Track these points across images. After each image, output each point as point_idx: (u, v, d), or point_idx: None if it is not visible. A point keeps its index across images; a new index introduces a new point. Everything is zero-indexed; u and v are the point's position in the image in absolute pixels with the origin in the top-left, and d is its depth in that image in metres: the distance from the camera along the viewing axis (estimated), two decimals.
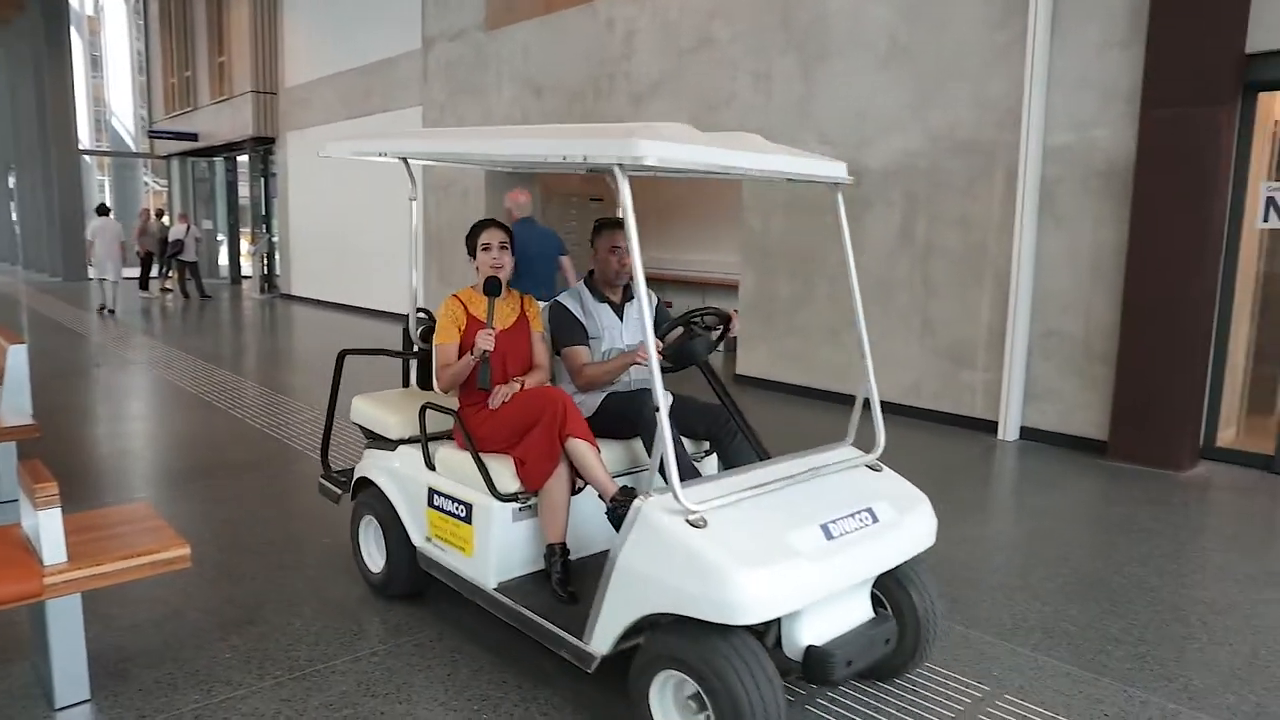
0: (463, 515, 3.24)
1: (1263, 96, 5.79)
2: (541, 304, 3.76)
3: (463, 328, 3.46)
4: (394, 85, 13.80)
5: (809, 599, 2.49)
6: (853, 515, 2.75)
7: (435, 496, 3.37)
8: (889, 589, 2.99)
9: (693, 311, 3.43)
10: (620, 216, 3.55)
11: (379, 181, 14.08)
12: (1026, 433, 6.74)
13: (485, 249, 3.48)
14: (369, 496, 3.73)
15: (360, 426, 3.87)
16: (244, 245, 21.56)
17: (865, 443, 3.17)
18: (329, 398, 4.11)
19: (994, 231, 6.84)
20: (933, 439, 6.79)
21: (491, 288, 3.32)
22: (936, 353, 7.29)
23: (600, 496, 3.11)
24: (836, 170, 3.06)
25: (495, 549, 3.14)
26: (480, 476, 3.18)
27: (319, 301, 16.76)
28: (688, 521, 2.44)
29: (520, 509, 3.18)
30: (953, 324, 7.14)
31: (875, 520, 2.79)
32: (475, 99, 11.92)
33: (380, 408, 3.80)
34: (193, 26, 21.37)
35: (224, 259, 22.99)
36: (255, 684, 3.04)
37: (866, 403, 3.13)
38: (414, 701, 2.94)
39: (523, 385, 3.37)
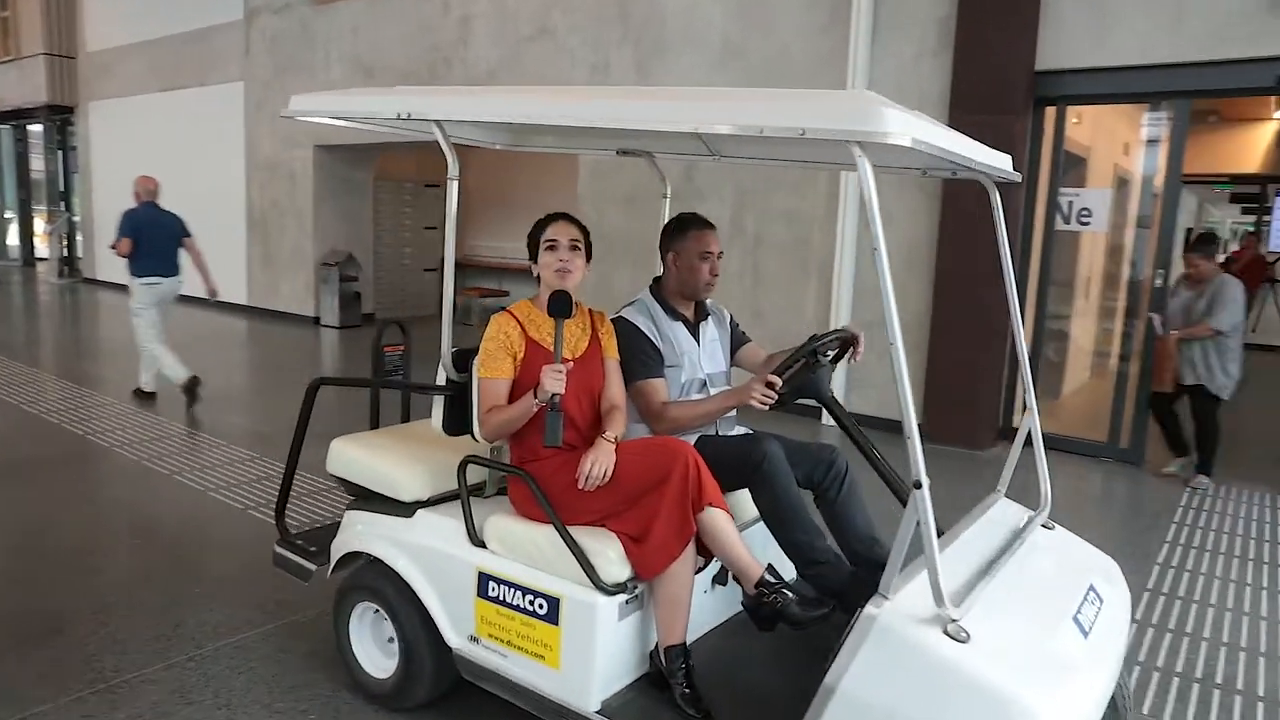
0: (543, 613, 2.41)
1: (1049, 110, 6.38)
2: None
3: (519, 357, 2.59)
4: (212, 58, 12.92)
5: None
6: (1086, 599, 2.24)
7: (491, 584, 2.52)
8: None
9: (815, 337, 2.79)
10: (688, 213, 3.02)
11: (203, 158, 13.17)
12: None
13: (550, 247, 2.61)
14: (369, 578, 2.80)
15: (343, 480, 2.95)
16: (38, 224, 19.62)
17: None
18: (293, 440, 3.07)
19: (818, 226, 7.19)
20: (762, 426, 7.07)
21: (560, 306, 2.42)
22: (767, 343, 7.58)
23: (735, 579, 2.49)
24: (1007, 165, 2.62)
25: (600, 659, 2.34)
26: (569, 557, 2.37)
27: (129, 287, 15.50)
28: (945, 633, 1.85)
29: (627, 601, 2.40)
30: (781, 314, 7.47)
31: (1101, 600, 2.30)
32: (302, 77, 11.35)
33: (384, 457, 2.84)
34: None
35: (13, 239, 20.85)
36: (52, 700, 2.81)
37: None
38: (235, 706, 2.81)
39: (616, 441, 2.50)
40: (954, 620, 1.86)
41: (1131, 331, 6.57)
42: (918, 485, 1.88)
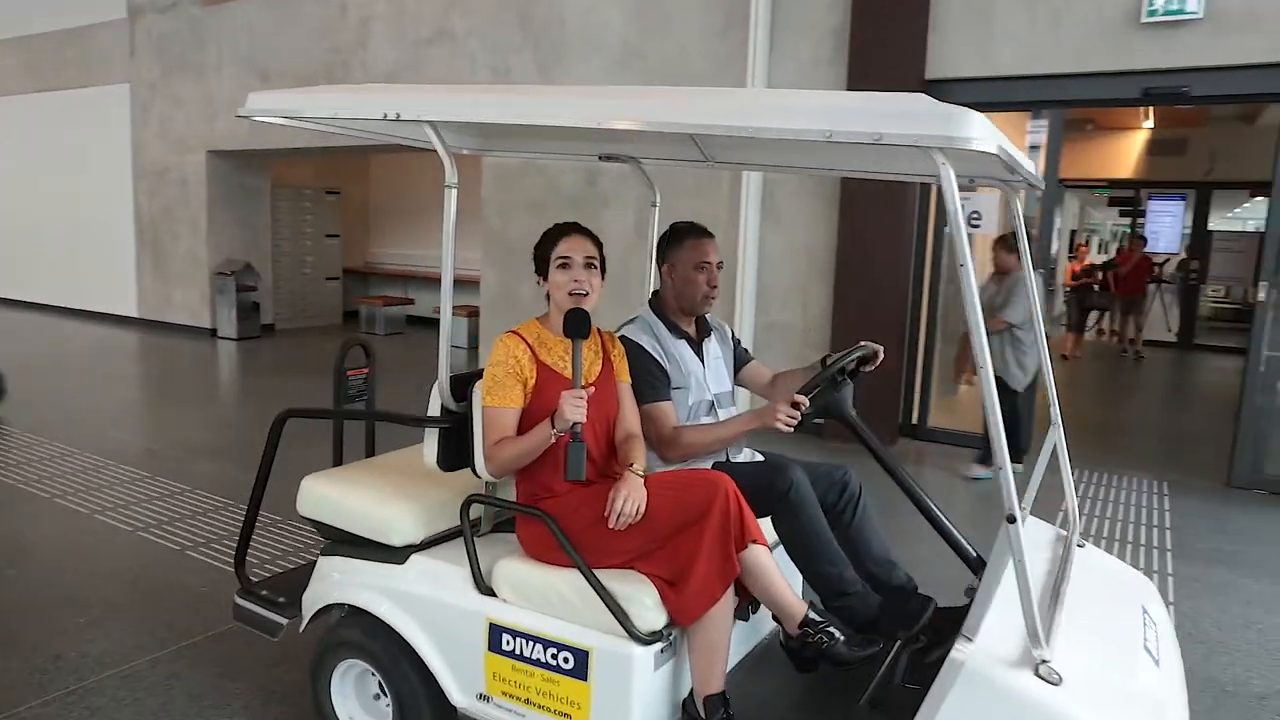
0: (569, 667, 2.18)
1: None
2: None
3: (530, 384, 2.35)
4: (94, 57, 12.32)
5: None
6: (1144, 624, 2.15)
7: (504, 637, 2.27)
8: None
9: (832, 357, 2.67)
10: (688, 222, 2.87)
11: (87, 162, 12.55)
12: None
13: (563, 265, 2.39)
14: (353, 632, 2.52)
15: (318, 523, 2.63)
16: None
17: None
18: (256, 479, 2.75)
19: (720, 229, 7.29)
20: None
21: (578, 326, 2.22)
22: None
23: (774, 618, 2.33)
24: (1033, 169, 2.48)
25: (637, 714, 2.14)
26: (596, 605, 2.14)
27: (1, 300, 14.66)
28: (1038, 675, 1.74)
29: (662, 650, 2.18)
30: None
31: (1155, 624, 2.22)
32: (193, 80, 10.93)
33: (368, 497, 2.53)
34: None
35: None
36: None
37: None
38: None
39: (645, 476, 2.30)
40: (1045, 661, 1.74)
41: None
42: (1011, 519, 1.73)
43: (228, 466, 5.57)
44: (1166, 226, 14.87)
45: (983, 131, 1.65)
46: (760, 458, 2.82)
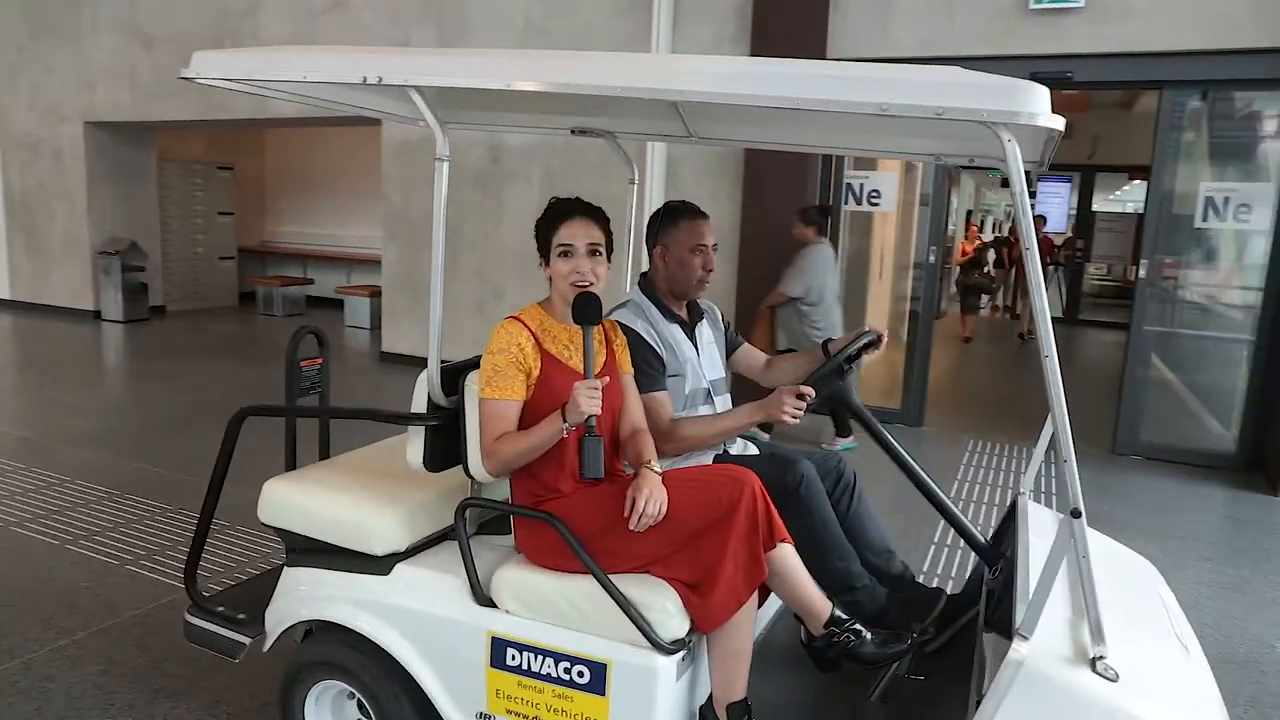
0: (584, 682, 2.03)
1: None
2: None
3: (534, 374, 2.17)
4: None
5: None
6: (1163, 611, 2.13)
7: (509, 652, 2.10)
8: None
9: (835, 343, 2.57)
10: (685, 202, 2.75)
11: None
12: None
13: (564, 253, 2.18)
14: (330, 650, 2.30)
15: (284, 531, 2.39)
16: None
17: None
18: (210, 484, 2.52)
19: (623, 208, 7.26)
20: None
21: (589, 312, 2.07)
22: None
23: (798, 619, 2.22)
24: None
25: None
26: (613, 614, 1.99)
27: None
28: (1096, 673, 1.70)
29: (683, 658, 2.04)
30: None
31: (1170, 609, 2.18)
32: (67, 45, 10.26)
33: (345, 500, 2.30)
34: None
35: None
36: None
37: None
38: None
39: (661, 474, 2.13)
40: (1102, 657, 1.70)
41: (918, 308, 7.06)
42: (1076, 514, 1.69)
43: (111, 455, 5.30)
44: (1055, 207, 15.55)
45: (1046, 105, 1.58)
46: (754, 449, 2.74)
